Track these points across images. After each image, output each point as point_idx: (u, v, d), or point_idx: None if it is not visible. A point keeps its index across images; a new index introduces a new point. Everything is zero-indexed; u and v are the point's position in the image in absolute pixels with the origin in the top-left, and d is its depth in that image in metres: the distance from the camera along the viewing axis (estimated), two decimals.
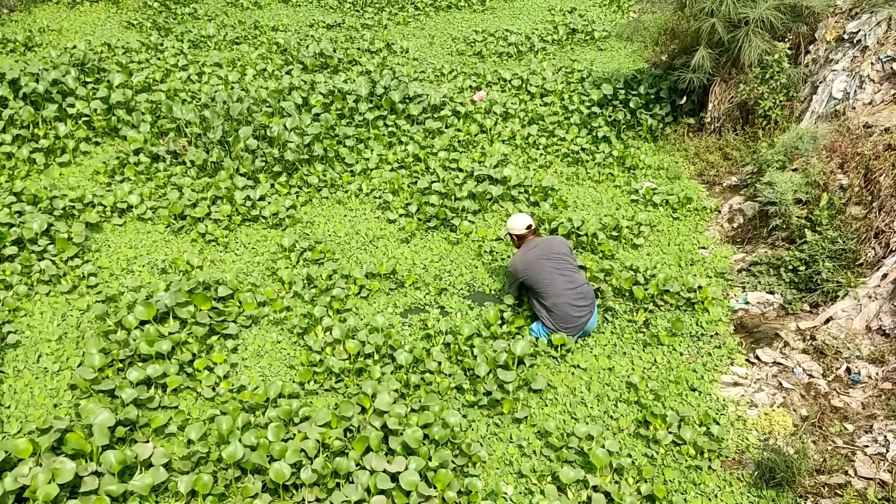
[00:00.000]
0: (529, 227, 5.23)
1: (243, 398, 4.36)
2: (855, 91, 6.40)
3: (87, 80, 8.12)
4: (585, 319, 4.92)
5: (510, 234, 5.33)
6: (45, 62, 8.64)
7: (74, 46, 9.47)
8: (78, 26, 10.93)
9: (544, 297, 4.89)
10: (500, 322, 5.18)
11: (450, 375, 4.66)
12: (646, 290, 5.44)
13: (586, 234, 6.14)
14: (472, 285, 5.71)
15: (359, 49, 10.48)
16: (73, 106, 7.57)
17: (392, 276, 5.76)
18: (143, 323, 4.87)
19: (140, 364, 4.56)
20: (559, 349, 4.87)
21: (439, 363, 4.72)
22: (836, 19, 7.09)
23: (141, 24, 11.05)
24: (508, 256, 6.01)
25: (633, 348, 4.98)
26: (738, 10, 7.06)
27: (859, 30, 6.71)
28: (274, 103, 7.95)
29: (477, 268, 5.92)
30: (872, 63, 6.40)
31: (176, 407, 4.36)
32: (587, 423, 4.29)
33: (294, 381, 4.61)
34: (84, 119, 7.52)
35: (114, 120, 7.61)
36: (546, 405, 4.49)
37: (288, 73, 9.40)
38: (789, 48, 7.09)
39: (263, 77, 9.35)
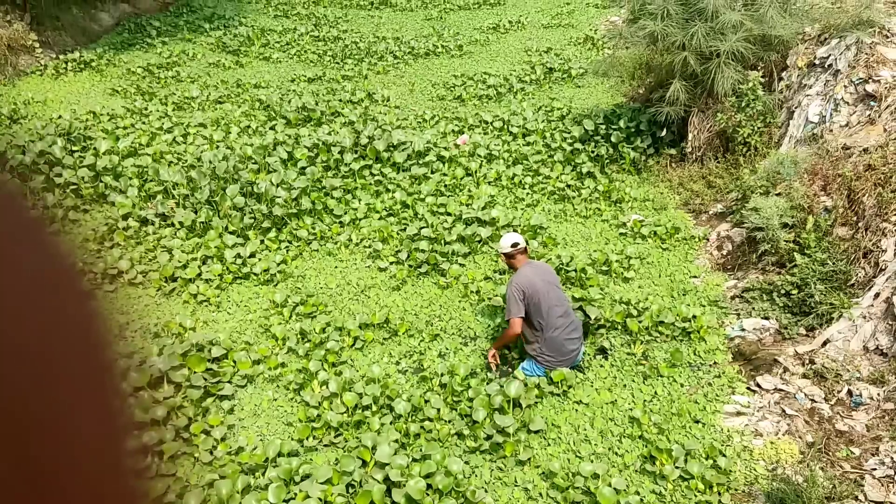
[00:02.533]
0: (515, 245, 5.06)
1: (242, 460, 4.29)
2: (831, 114, 6.50)
3: (74, 148, 8.17)
4: (576, 353, 4.91)
5: (501, 254, 5.24)
6: (31, 134, 8.70)
7: (60, 116, 9.55)
8: (63, 96, 11.04)
9: (540, 327, 4.84)
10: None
11: (449, 422, 4.62)
12: (640, 322, 5.43)
13: (575, 270, 6.15)
14: (461, 329, 5.68)
15: (341, 101, 10.61)
16: (60, 175, 7.59)
17: (385, 325, 5.74)
18: (137, 389, 4.81)
19: (135, 432, 4.48)
20: (560, 385, 4.84)
21: (438, 410, 4.67)
22: (807, 45, 7.25)
23: (125, 90, 11.17)
24: (495, 295, 5.99)
25: (634, 380, 4.96)
26: (708, 43, 7.21)
27: (830, 55, 6.85)
28: (259, 159, 8.00)
29: (465, 310, 5.91)
30: (845, 86, 6.52)
31: (174, 474, 4.29)
32: (592, 462, 4.24)
33: (293, 439, 4.54)
34: (72, 187, 7.55)
35: (101, 186, 7.63)
36: (549, 445, 4.44)
37: (272, 128, 9.49)
38: (762, 76, 7.22)
39: (248, 134, 9.44)
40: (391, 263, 6.59)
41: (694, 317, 5.47)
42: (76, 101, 10.89)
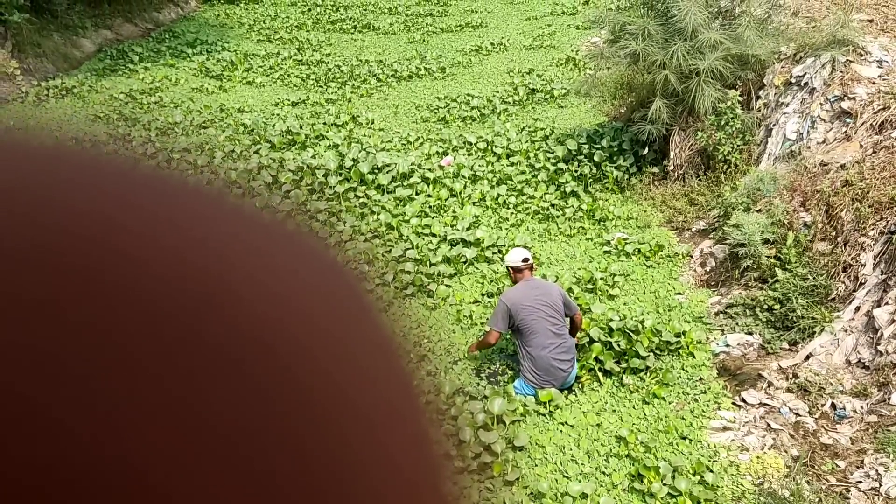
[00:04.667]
0: (526, 260, 5.14)
1: None
2: (808, 131, 6.61)
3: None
4: (567, 374, 4.92)
5: (508, 268, 5.28)
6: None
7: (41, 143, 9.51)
8: (44, 123, 10.90)
9: (529, 344, 4.83)
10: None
11: (436, 442, 4.59)
12: (629, 338, 5.42)
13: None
14: (450, 350, 5.68)
15: (325, 124, 10.65)
16: None
17: None
18: None
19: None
20: (546, 406, 4.84)
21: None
22: (783, 64, 7.38)
23: (108, 115, 11.16)
24: (487, 318, 5.99)
25: (625, 402, 4.96)
26: (688, 62, 7.32)
27: (805, 73, 6.98)
28: (244, 184, 8.01)
29: (455, 332, 5.91)
30: (821, 104, 6.64)
31: None
32: (580, 481, 4.23)
33: None
34: None
35: None
36: (536, 465, 4.43)
37: (256, 152, 9.49)
38: (741, 95, 7.34)
39: (232, 158, 9.44)
40: (377, 285, 6.56)
41: (683, 333, 5.49)
42: (58, 127, 10.71)
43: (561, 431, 4.71)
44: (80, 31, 14.27)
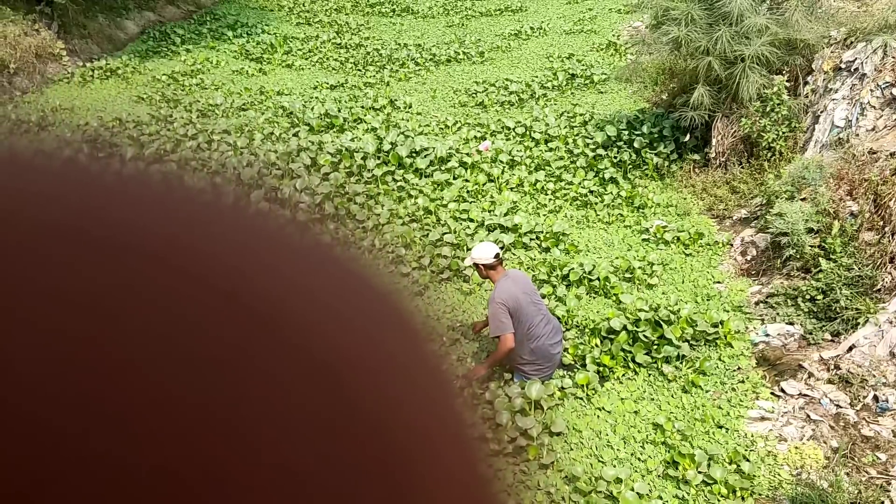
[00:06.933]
0: (497, 255, 4.80)
1: None
2: (857, 118, 6.45)
3: (100, 155, 8.30)
4: (560, 356, 4.87)
5: (476, 265, 4.87)
6: (59, 141, 8.84)
7: (87, 123, 9.72)
8: (90, 104, 11.23)
9: (528, 337, 4.68)
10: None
11: (471, 425, 4.61)
12: (656, 328, 5.36)
13: (598, 278, 6.12)
14: (484, 334, 5.68)
15: (363, 107, 10.69)
16: None
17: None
18: None
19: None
20: (584, 389, 4.83)
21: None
22: (832, 50, 7.20)
23: (150, 97, 11.34)
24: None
25: (655, 386, 4.94)
26: (732, 47, 7.18)
27: (856, 58, 6.80)
28: (283, 165, 8.09)
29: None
30: (872, 90, 6.47)
31: None
32: (615, 466, 4.23)
33: None
34: None
35: None
36: (571, 449, 4.44)
37: (295, 135, 9.58)
38: (788, 80, 7.18)
39: (271, 140, 9.53)
40: (413, 269, 6.62)
41: (721, 322, 5.42)
42: (102, 108, 11.07)
43: (598, 417, 4.71)
44: (123, 13, 14.49)
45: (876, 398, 4.44)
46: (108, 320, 0.20)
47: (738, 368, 5.08)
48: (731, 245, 6.66)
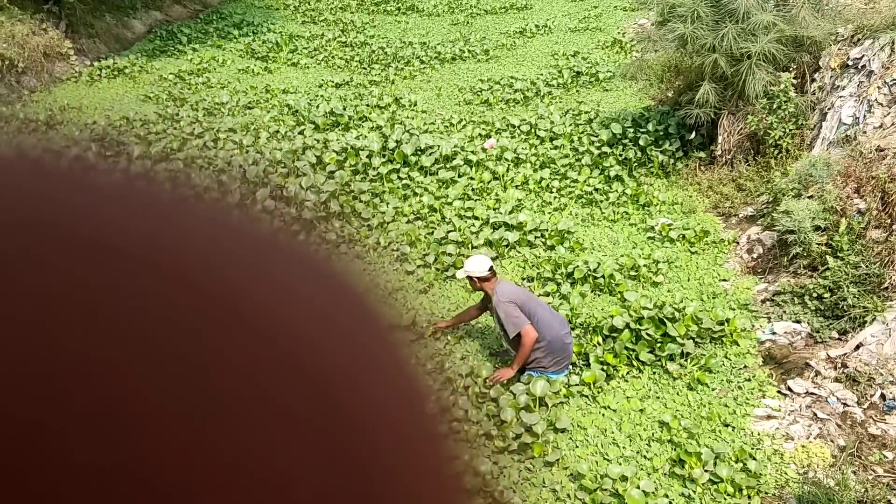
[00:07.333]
0: (491, 268, 4.84)
1: None
2: (864, 116, 6.42)
3: (108, 153, 8.32)
4: (571, 346, 4.88)
5: (470, 279, 4.90)
6: (67, 139, 8.87)
7: (94, 122, 9.75)
8: (97, 103, 11.26)
9: (540, 331, 4.69)
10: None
11: (477, 423, 4.62)
12: (658, 327, 5.34)
13: (603, 276, 6.11)
14: (485, 332, 5.69)
15: (368, 105, 10.69)
16: None
17: (412, 327, 5.76)
18: None
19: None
20: (591, 387, 4.83)
21: (466, 411, 4.68)
22: (839, 47, 7.17)
23: (157, 96, 11.37)
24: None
25: (661, 384, 4.93)
26: (739, 45, 7.16)
27: (863, 55, 6.77)
28: (289, 164, 8.10)
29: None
30: (879, 87, 6.44)
31: None
32: (620, 464, 4.23)
33: None
34: None
35: None
36: (577, 447, 4.43)
37: (300, 133, 9.59)
38: (794, 78, 7.15)
39: (277, 139, 9.54)
40: (418, 267, 6.62)
41: (727, 320, 5.41)
42: (110, 107, 11.10)
43: (603, 415, 4.70)
44: (130, 12, 14.53)
45: (883, 396, 4.43)
46: (87, 320, 0.20)
47: (745, 366, 5.07)
48: (737, 243, 6.64)
